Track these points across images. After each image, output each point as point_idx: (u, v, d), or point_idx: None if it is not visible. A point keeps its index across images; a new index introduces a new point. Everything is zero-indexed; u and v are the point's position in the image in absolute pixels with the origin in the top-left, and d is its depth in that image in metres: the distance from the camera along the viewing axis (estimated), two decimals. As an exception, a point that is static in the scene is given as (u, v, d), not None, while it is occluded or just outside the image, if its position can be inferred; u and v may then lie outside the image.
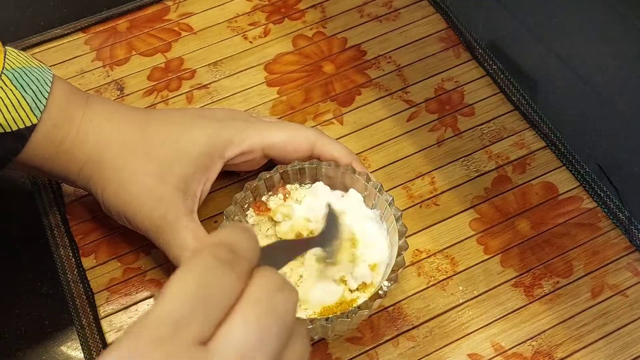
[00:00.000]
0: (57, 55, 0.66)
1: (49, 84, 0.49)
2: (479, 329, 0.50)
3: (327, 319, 0.45)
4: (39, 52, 0.67)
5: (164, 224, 0.49)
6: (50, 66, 0.65)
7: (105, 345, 0.50)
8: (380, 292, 0.46)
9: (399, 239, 0.48)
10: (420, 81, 0.63)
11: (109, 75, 0.65)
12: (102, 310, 0.52)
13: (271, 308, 0.30)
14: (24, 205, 0.58)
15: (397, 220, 0.48)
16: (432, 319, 0.51)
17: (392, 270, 0.46)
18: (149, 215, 0.49)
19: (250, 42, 0.66)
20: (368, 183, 0.51)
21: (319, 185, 0.52)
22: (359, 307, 0.45)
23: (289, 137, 0.52)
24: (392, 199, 0.50)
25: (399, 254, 0.47)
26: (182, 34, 0.67)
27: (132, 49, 0.67)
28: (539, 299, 0.51)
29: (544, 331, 0.50)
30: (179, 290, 0.29)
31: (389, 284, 0.46)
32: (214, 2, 0.70)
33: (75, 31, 0.68)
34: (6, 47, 0.49)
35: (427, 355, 0.49)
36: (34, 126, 0.48)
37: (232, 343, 0.29)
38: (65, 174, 0.51)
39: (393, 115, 0.61)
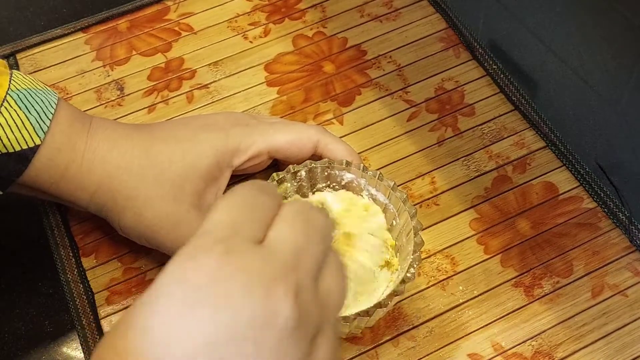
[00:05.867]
0: (57, 55, 0.66)
1: (54, 106, 0.49)
2: (479, 329, 0.50)
3: (344, 317, 0.45)
4: (39, 52, 0.67)
5: (184, 242, 0.49)
6: (50, 66, 0.66)
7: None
8: (397, 289, 0.46)
9: (412, 220, 0.48)
10: (420, 81, 0.63)
11: (109, 75, 0.65)
12: (102, 310, 0.52)
13: (310, 219, 0.33)
14: (23, 205, 0.58)
15: (404, 202, 0.49)
16: (432, 318, 0.51)
17: (413, 260, 0.47)
18: (169, 237, 0.49)
19: (251, 42, 0.67)
20: (366, 172, 0.51)
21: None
22: (379, 304, 0.45)
23: (293, 139, 0.52)
24: (394, 184, 0.50)
25: (415, 251, 0.47)
26: (182, 33, 0.67)
27: (132, 48, 0.67)
28: (539, 299, 0.51)
29: (544, 331, 0.50)
30: (228, 203, 0.33)
31: (413, 272, 0.46)
32: (214, 2, 0.70)
33: (75, 31, 0.68)
34: (12, 70, 0.49)
35: (427, 355, 0.49)
36: (37, 147, 0.48)
37: (285, 242, 0.31)
38: (74, 200, 0.51)
39: (393, 115, 0.61)
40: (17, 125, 0.47)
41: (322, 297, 0.31)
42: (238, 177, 0.56)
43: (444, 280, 0.52)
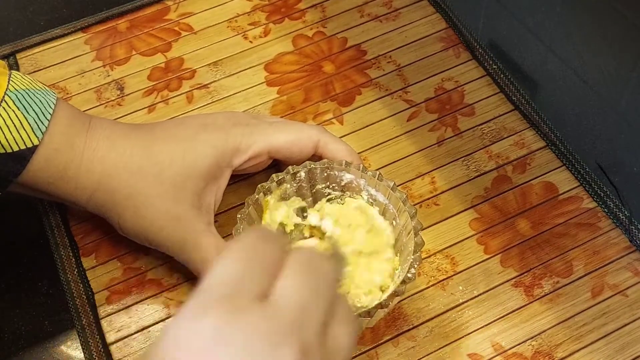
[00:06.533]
0: (57, 55, 0.66)
1: (52, 106, 0.49)
2: (479, 329, 0.50)
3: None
4: (39, 52, 0.67)
5: (184, 242, 0.49)
6: (50, 66, 0.66)
7: (105, 345, 0.50)
8: (398, 289, 0.46)
9: (412, 220, 0.48)
10: (420, 81, 0.63)
11: (109, 75, 0.65)
12: (102, 310, 0.52)
13: (316, 269, 0.32)
14: (23, 205, 0.58)
15: (404, 202, 0.49)
16: (432, 318, 0.51)
17: (413, 261, 0.46)
18: (168, 236, 0.50)
19: (250, 41, 0.67)
20: (365, 172, 0.51)
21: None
22: (380, 305, 0.45)
23: (293, 139, 0.52)
24: (394, 184, 0.50)
25: (415, 251, 0.47)
26: (182, 33, 0.67)
27: (132, 48, 0.67)
28: (539, 298, 0.51)
29: (544, 331, 0.50)
30: (230, 255, 0.32)
31: (413, 273, 0.46)
32: (214, 2, 0.70)
33: (75, 31, 0.68)
34: (11, 70, 0.49)
35: (427, 355, 0.49)
36: (35, 147, 0.48)
37: (291, 298, 0.31)
38: (73, 199, 0.51)
39: (393, 115, 0.61)
40: (15, 126, 0.47)
41: (330, 350, 0.31)
42: (238, 177, 0.56)
43: (444, 280, 0.52)
